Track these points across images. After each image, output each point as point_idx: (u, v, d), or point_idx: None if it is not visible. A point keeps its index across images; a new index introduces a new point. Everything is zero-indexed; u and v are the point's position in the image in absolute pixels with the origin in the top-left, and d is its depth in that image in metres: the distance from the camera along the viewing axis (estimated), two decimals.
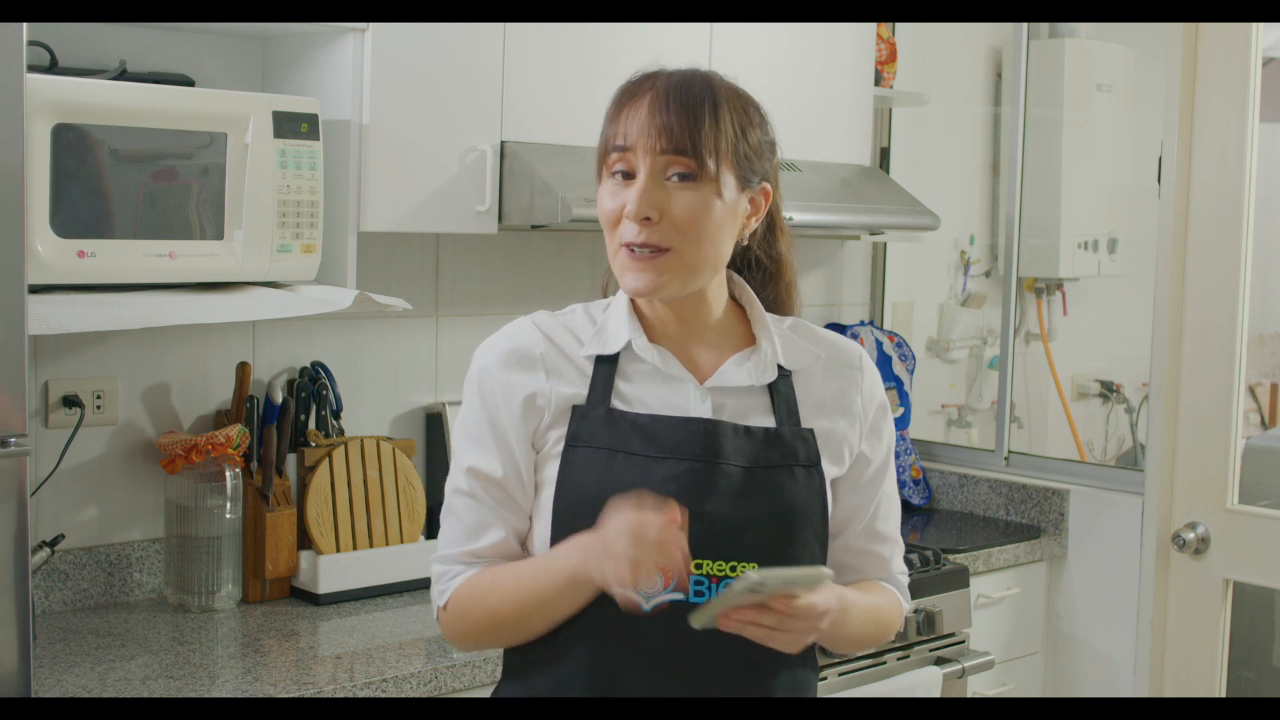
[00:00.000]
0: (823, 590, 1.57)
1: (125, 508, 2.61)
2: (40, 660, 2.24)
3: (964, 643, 3.07)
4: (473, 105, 2.63)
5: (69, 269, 2.18)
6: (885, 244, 3.84)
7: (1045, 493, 3.40)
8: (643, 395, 1.70)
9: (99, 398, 2.55)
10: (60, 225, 2.17)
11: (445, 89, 2.60)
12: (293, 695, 2.15)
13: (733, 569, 1.63)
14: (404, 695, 2.24)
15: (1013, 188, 3.56)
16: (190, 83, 2.51)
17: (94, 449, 2.57)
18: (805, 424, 1.73)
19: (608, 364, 1.71)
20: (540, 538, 1.69)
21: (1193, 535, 3.13)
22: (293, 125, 2.39)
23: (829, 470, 1.73)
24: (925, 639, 2.98)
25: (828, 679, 2.77)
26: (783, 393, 1.73)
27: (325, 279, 2.52)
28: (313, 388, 2.75)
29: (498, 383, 1.71)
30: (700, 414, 1.69)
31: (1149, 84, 3.66)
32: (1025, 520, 3.44)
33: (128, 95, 2.24)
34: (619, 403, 1.69)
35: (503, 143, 2.68)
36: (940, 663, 3.00)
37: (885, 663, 2.90)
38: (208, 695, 2.13)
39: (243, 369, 2.68)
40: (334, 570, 2.62)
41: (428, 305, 2.98)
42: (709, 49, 2.97)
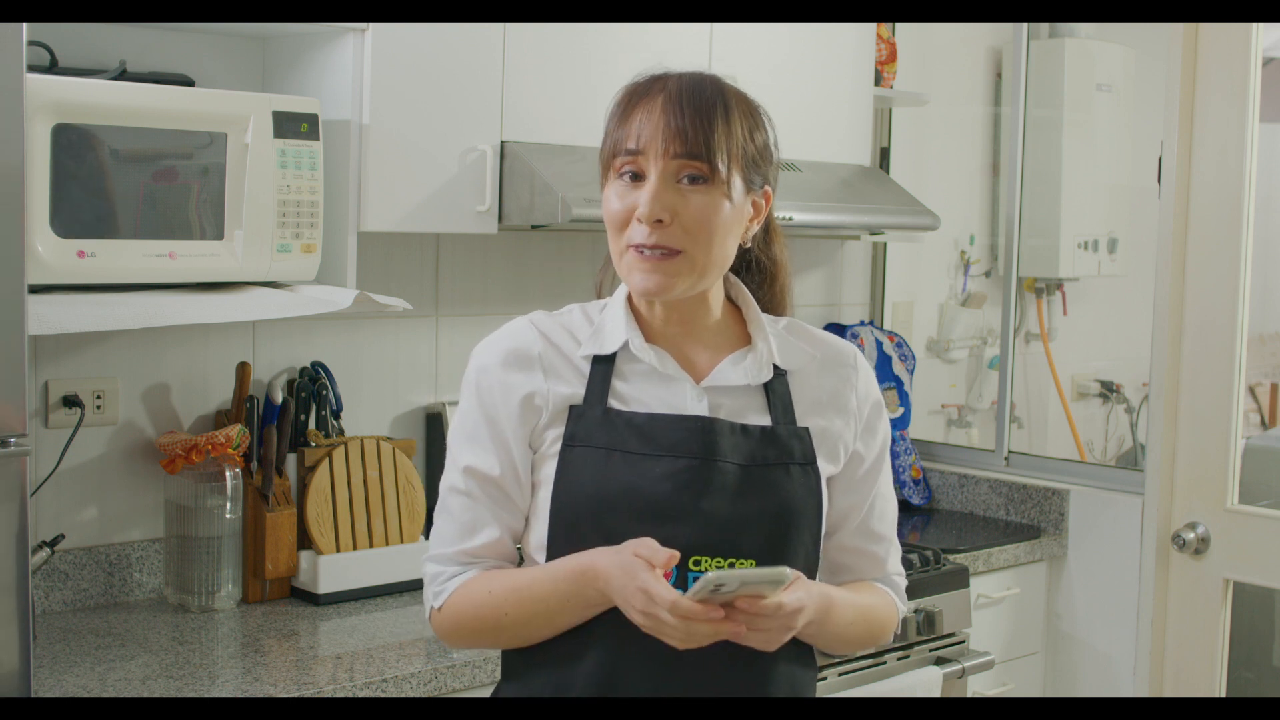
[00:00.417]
0: (794, 589, 1.57)
1: (125, 508, 2.61)
2: (40, 660, 2.24)
3: (964, 643, 3.07)
4: (473, 105, 2.63)
5: (69, 269, 2.18)
6: (885, 244, 3.84)
7: (1045, 493, 3.40)
8: (639, 395, 1.70)
9: (99, 398, 2.55)
10: (60, 225, 2.17)
11: (445, 89, 2.60)
12: (293, 695, 2.15)
13: (730, 566, 1.64)
14: (404, 695, 2.24)
15: (1013, 188, 3.56)
16: (190, 83, 2.51)
17: (94, 449, 2.57)
18: (801, 423, 1.73)
19: (605, 364, 1.71)
20: (538, 537, 1.69)
21: (1193, 535, 3.13)
22: (293, 125, 2.39)
23: (824, 468, 1.74)
24: (925, 639, 2.98)
25: (828, 679, 2.77)
26: (778, 392, 1.74)
27: (325, 279, 2.52)
28: (313, 388, 2.75)
29: (496, 382, 1.71)
30: (697, 413, 1.69)
31: (1149, 84, 3.66)
32: (1025, 520, 3.44)
33: (128, 95, 2.24)
34: (616, 402, 1.70)
35: (503, 143, 2.68)
36: (940, 663, 3.00)
37: (885, 663, 2.90)
38: (208, 695, 2.13)
39: (243, 369, 2.68)
40: (334, 570, 2.62)
41: (428, 305, 2.98)
42: (709, 49, 2.97)
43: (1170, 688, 3.19)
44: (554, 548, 1.67)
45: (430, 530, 1.76)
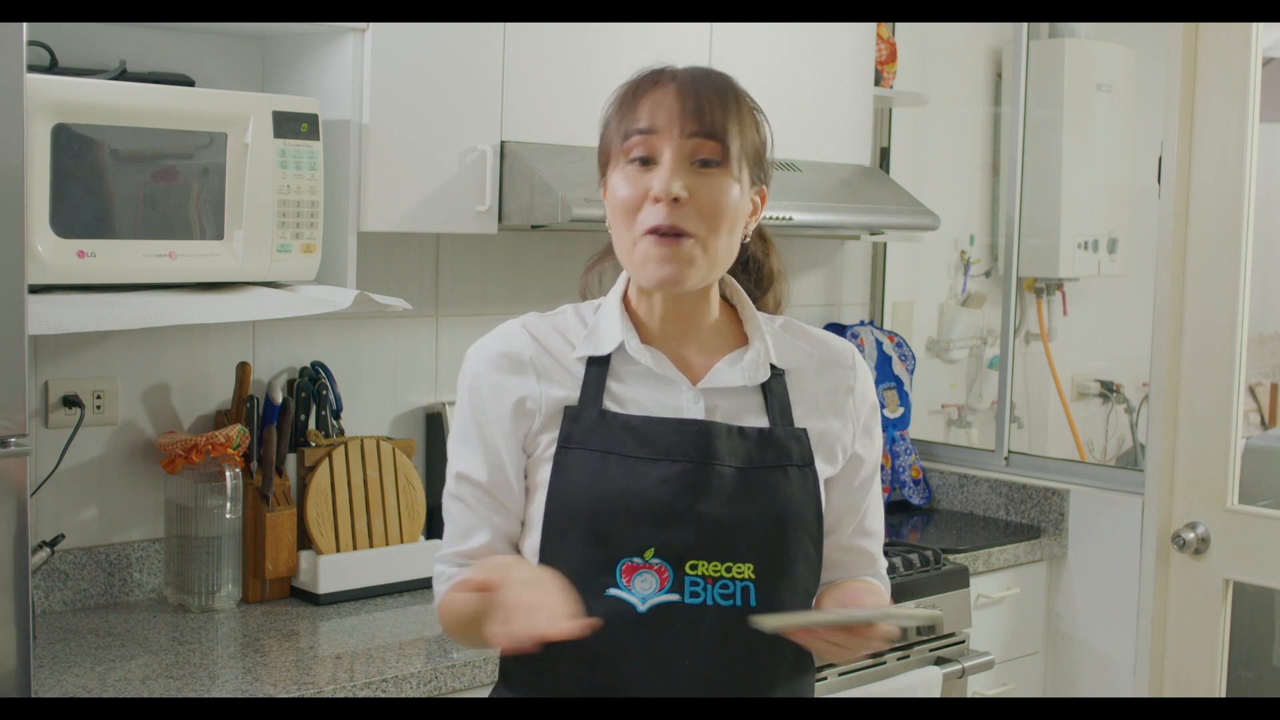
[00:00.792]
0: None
1: (125, 508, 2.61)
2: (40, 660, 2.24)
3: (964, 643, 3.07)
4: (473, 105, 2.63)
5: (69, 269, 2.18)
6: (885, 244, 3.84)
7: (1045, 493, 3.40)
8: (635, 396, 1.69)
9: (99, 398, 2.55)
10: (60, 225, 2.17)
11: (445, 89, 2.60)
12: (293, 695, 2.15)
13: (728, 570, 1.63)
14: (404, 695, 2.24)
15: (1013, 188, 3.56)
16: (190, 83, 2.51)
17: (94, 449, 2.57)
18: (799, 424, 1.73)
19: (600, 365, 1.70)
20: (531, 542, 1.69)
21: (1193, 535, 3.13)
22: (293, 125, 2.39)
23: (822, 470, 1.73)
24: (925, 639, 2.98)
25: (827, 679, 2.77)
26: (776, 392, 1.73)
27: (325, 279, 2.52)
28: (313, 388, 2.75)
29: (487, 386, 1.70)
30: (693, 415, 1.69)
31: (1149, 84, 3.66)
32: (1025, 520, 3.44)
33: (128, 95, 2.24)
34: (611, 404, 1.69)
35: (503, 143, 2.68)
36: (940, 663, 3.00)
37: (885, 663, 2.90)
38: (208, 695, 2.13)
39: (243, 369, 2.68)
40: (334, 570, 2.62)
41: (428, 305, 2.98)
42: (709, 49, 2.97)
43: (1170, 688, 3.19)
44: (547, 550, 1.66)
45: (430, 530, 1.77)
